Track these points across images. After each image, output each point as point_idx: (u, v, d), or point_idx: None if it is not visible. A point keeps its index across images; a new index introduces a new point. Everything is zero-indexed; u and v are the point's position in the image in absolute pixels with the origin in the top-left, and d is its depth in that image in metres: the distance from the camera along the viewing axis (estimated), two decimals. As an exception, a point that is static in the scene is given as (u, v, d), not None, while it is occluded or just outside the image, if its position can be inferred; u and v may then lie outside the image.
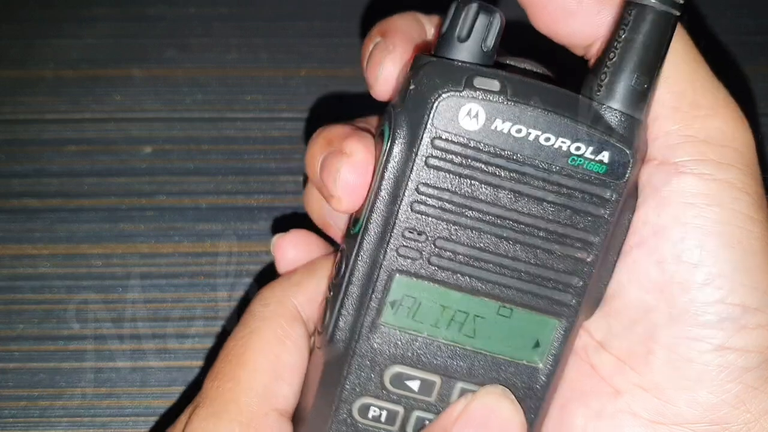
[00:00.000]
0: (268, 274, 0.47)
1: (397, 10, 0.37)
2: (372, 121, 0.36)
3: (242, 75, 0.52)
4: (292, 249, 0.39)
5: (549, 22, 0.31)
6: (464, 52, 0.30)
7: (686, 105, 0.31)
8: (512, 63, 0.33)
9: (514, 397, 0.32)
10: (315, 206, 0.38)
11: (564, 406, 0.34)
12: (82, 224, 0.48)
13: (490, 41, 0.31)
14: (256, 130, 0.51)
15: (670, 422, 0.32)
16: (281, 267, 0.39)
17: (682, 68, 0.31)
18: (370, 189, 0.32)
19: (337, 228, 0.37)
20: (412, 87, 0.30)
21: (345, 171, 0.32)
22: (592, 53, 0.32)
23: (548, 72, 0.33)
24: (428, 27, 0.35)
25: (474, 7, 0.30)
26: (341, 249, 0.33)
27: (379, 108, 0.34)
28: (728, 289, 0.30)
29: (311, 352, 0.35)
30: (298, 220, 0.49)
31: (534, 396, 0.32)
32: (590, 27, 0.31)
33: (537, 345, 0.32)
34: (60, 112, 0.51)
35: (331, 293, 0.32)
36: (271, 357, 0.35)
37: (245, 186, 0.50)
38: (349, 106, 0.37)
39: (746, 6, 0.55)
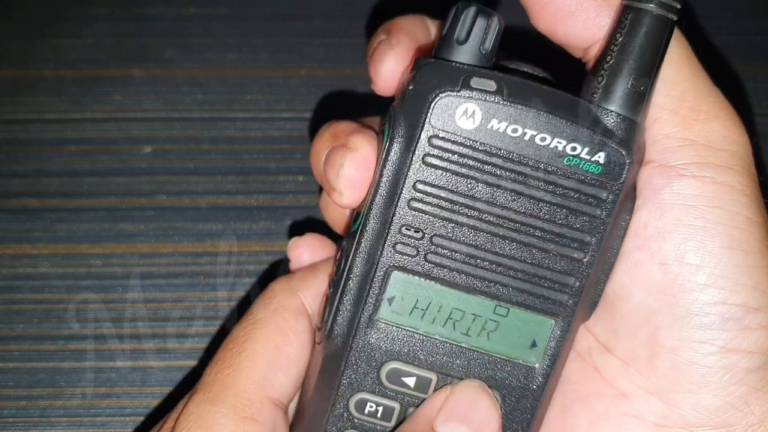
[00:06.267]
0: (268, 274, 0.47)
1: (396, 9, 0.37)
2: (375, 122, 0.36)
3: (242, 75, 0.52)
4: (307, 252, 0.39)
5: (549, 21, 0.32)
6: (463, 54, 0.31)
7: (686, 108, 0.31)
8: (513, 66, 0.33)
9: (491, 391, 0.32)
10: (330, 207, 0.38)
11: (568, 408, 0.34)
12: (82, 224, 0.48)
13: (489, 43, 0.31)
14: (256, 130, 0.51)
15: (674, 425, 0.32)
16: (295, 268, 0.39)
17: (682, 72, 0.31)
18: (370, 186, 0.32)
19: None
20: (411, 87, 0.30)
21: (348, 165, 0.32)
22: (590, 56, 0.32)
23: (549, 76, 0.33)
24: (433, 30, 0.35)
25: (473, 10, 0.31)
26: (342, 246, 0.33)
27: (380, 108, 0.34)
28: (730, 290, 0.31)
29: (313, 347, 0.35)
30: (312, 223, 0.49)
31: (531, 396, 0.32)
32: (589, 29, 0.31)
33: (534, 345, 0.32)
34: (60, 112, 0.51)
35: (331, 290, 0.33)
36: (273, 347, 0.35)
37: (245, 186, 0.50)
38: (350, 106, 0.37)
39: (746, 6, 0.55)
